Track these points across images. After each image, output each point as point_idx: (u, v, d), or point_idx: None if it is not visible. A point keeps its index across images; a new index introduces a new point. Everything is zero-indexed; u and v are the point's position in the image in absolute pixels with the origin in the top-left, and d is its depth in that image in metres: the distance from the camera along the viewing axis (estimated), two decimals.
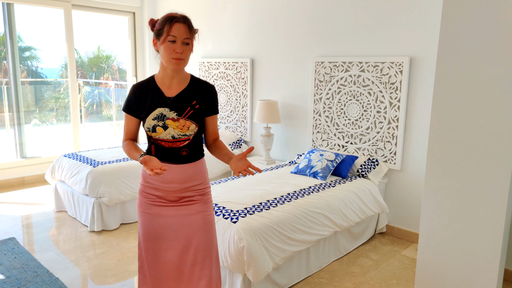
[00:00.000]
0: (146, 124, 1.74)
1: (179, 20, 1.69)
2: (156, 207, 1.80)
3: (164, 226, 1.80)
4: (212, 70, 4.97)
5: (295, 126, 4.28)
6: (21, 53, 11.11)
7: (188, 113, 1.73)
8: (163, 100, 1.74)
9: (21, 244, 3.27)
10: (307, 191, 3.05)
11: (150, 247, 1.82)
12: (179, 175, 1.77)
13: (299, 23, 4.09)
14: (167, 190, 1.78)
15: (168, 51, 1.67)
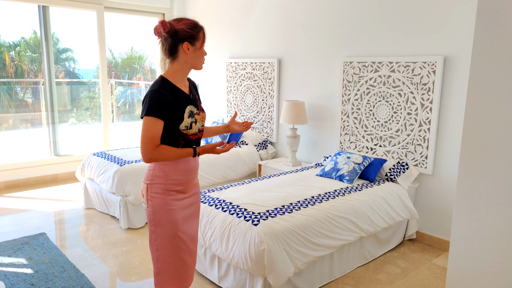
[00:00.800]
0: (183, 123, 1.79)
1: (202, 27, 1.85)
2: (177, 201, 1.88)
3: (185, 219, 1.92)
4: (239, 71, 4.96)
5: (322, 127, 4.19)
6: (59, 55, 11.57)
7: (200, 107, 1.93)
8: (188, 98, 1.86)
9: (51, 239, 3.37)
10: (332, 195, 2.97)
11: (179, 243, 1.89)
12: (195, 165, 1.93)
13: (327, 23, 4.01)
14: (188, 182, 1.91)
15: (200, 57, 1.85)
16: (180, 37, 1.77)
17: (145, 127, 1.72)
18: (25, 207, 4.10)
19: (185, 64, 1.81)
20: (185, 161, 1.85)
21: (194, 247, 1.99)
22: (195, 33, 1.79)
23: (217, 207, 2.69)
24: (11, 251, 3.13)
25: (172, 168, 1.82)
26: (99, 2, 5.02)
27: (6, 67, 12.23)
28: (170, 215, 1.85)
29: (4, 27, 12.15)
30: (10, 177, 4.69)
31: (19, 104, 10.97)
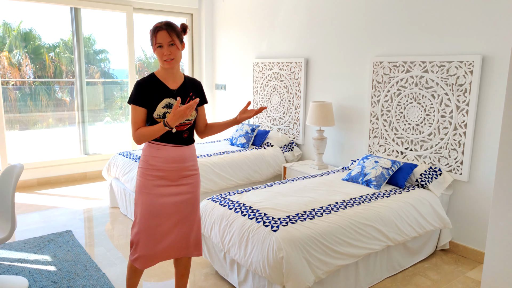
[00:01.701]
0: (156, 112, 2.04)
1: (161, 28, 2.01)
2: (158, 187, 2.09)
3: (163, 204, 2.10)
4: (265, 71, 4.88)
5: (350, 129, 4.04)
6: (95, 56, 11.93)
7: (189, 102, 2.10)
8: (169, 91, 2.08)
9: (76, 237, 3.42)
10: (358, 201, 2.84)
11: (152, 224, 2.10)
12: (180, 155, 2.09)
13: (356, 21, 3.86)
14: (170, 170, 2.08)
15: (159, 56, 2.04)
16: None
17: (130, 113, 2.07)
18: (54, 204, 4.20)
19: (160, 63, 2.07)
20: (164, 149, 2.07)
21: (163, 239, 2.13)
22: (151, 36, 2.05)
23: (237, 211, 2.62)
24: (37, 248, 3.20)
25: (150, 155, 2.08)
26: (128, 4, 5.08)
27: (45, 67, 12.74)
28: (146, 197, 2.09)
29: (45, 29, 12.67)
30: (43, 174, 4.83)
31: (57, 103, 11.41)
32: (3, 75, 12.12)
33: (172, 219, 2.12)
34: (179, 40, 2.05)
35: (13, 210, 2.42)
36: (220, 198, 2.86)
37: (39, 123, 10.50)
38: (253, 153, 4.26)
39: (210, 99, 5.94)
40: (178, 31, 2.05)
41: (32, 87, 11.63)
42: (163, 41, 2.00)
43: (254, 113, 2.17)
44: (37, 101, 11.48)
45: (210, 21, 5.71)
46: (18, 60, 12.49)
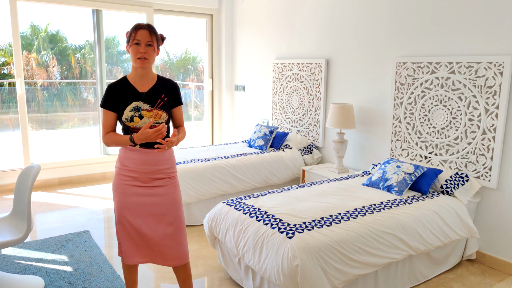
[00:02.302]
0: (124, 116, 2.07)
1: (143, 27, 2.05)
2: (130, 187, 2.13)
3: (135, 204, 2.13)
4: (285, 72, 4.80)
5: (371, 132, 3.92)
6: (119, 56, 12.13)
7: (159, 104, 2.11)
8: (138, 94, 2.10)
9: (93, 237, 3.44)
10: (378, 207, 2.72)
11: (125, 221, 2.15)
12: (152, 158, 2.11)
13: (379, 20, 3.73)
14: (141, 172, 2.11)
15: (134, 52, 2.05)
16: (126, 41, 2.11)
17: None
18: (74, 204, 4.25)
19: (133, 63, 2.09)
20: (137, 151, 2.09)
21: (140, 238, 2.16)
22: (129, 35, 2.07)
23: (252, 216, 2.56)
24: (55, 248, 3.23)
25: (124, 156, 2.13)
26: (148, 5, 5.10)
27: (72, 68, 13.06)
28: (120, 197, 2.14)
29: (71, 31, 12.97)
30: (64, 174, 4.90)
31: (82, 104, 11.66)
32: (31, 76, 12.48)
33: (147, 220, 2.15)
34: (156, 44, 2.09)
35: (29, 211, 2.44)
36: (235, 202, 2.80)
37: (65, 122, 10.76)
38: (271, 155, 4.18)
39: (229, 100, 5.90)
40: (157, 35, 2.11)
41: (58, 87, 11.94)
42: (142, 39, 2.04)
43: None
44: (63, 101, 11.77)
45: (230, 22, 5.68)
46: (46, 61, 12.85)
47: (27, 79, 12.01)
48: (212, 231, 2.82)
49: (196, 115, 8.88)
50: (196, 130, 8.23)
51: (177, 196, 2.21)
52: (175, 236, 2.18)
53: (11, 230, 2.54)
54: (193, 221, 3.74)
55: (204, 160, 3.88)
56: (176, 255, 2.19)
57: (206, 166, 3.74)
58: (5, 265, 2.93)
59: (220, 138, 6.08)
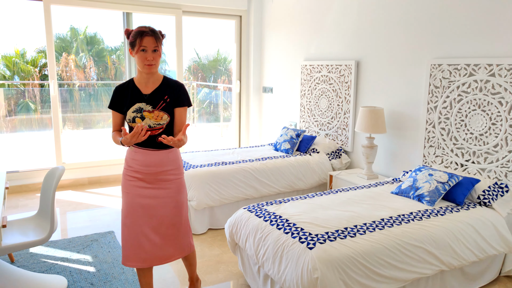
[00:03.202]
0: (127, 116, 2.14)
1: (148, 33, 2.07)
2: (136, 187, 2.17)
3: (141, 205, 2.17)
4: (314, 74, 4.68)
5: (403, 137, 3.73)
6: None
7: (161, 106, 2.14)
8: (141, 96, 2.15)
9: (117, 238, 3.47)
10: (407, 218, 2.57)
11: (129, 222, 2.19)
12: (156, 159, 2.15)
13: (412, 20, 3.55)
14: (146, 173, 2.15)
15: (141, 59, 2.09)
16: (128, 43, 2.14)
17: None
18: (101, 204, 4.32)
19: (139, 68, 2.14)
20: (141, 152, 2.15)
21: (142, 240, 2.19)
22: (133, 40, 2.08)
23: (272, 223, 2.47)
24: (80, 248, 3.27)
25: (129, 157, 2.20)
26: (177, 7, 5.12)
27: (107, 69, 13.45)
28: (126, 197, 2.20)
29: (107, 33, 13.36)
30: (94, 173, 5.01)
31: None
32: (69, 77, 12.95)
33: (151, 221, 2.20)
34: (161, 47, 2.15)
35: (53, 212, 2.47)
36: (257, 208, 2.73)
37: (101, 122, 11.08)
38: (297, 159, 4.08)
39: (257, 102, 5.84)
40: (161, 39, 2.15)
41: (95, 88, 12.32)
42: (148, 45, 2.07)
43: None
44: (99, 101, 12.13)
45: (259, 23, 5.61)
46: (83, 63, 13.30)
47: (66, 80, 12.47)
48: (232, 237, 2.76)
49: (225, 116, 8.88)
50: (224, 132, 8.23)
51: (181, 198, 2.26)
52: (176, 235, 2.27)
53: (36, 229, 2.58)
54: (216, 225, 3.70)
55: (229, 163, 3.83)
56: (177, 250, 2.29)
57: (230, 169, 3.69)
58: (31, 263, 2.99)
59: (247, 140, 6.03)
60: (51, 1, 4.44)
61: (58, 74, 12.87)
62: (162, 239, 2.22)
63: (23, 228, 2.62)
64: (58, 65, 12.78)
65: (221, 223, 3.70)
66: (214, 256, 3.20)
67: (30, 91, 11.98)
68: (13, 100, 11.23)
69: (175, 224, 2.24)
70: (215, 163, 3.83)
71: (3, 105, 9.68)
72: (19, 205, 4.20)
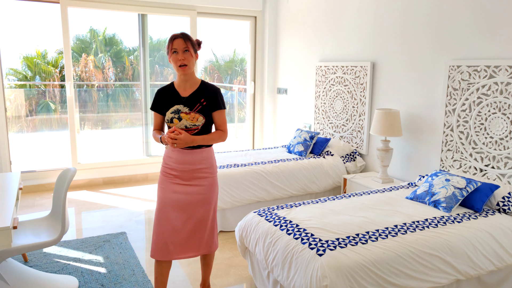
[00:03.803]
0: (166, 117, 2.31)
1: (178, 36, 2.23)
2: (171, 184, 2.33)
3: (174, 200, 2.32)
4: (329, 75, 4.61)
5: (420, 141, 3.64)
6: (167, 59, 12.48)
7: (197, 108, 2.28)
8: (179, 99, 2.31)
9: (129, 239, 3.48)
10: (422, 225, 2.49)
11: (161, 215, 2.33)
12: (190, 158, 2.30)
13: (430, 20, 3.45)
14: (181, 170, 2.31)
15: (174, 61, 2.25)
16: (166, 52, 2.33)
17: None
18: (115, 204, 4.35)
19: (176, 71, 2.29)
20: (177, 151, 2.30)
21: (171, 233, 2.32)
22: (167, 47, 2.29)
23: (282, 228, 2.43)
24: (92, 248, 3.30)
25: (167, 155, 2.36)
26: (192, 8, 5.13)
27: (125, 70, 13.62)
28: (161, 191, 2.35)
29: (126, 34, 13.53)
30: (108, 174, 5.06)
31: (134, 104, 12.10)
32: (88, 77, 13.17)
33: (182, 216, 2.33)
34: (193, 49, 2.26)
35: (64, 213, 2.48)
36: (267, 212, 2.69)
37: (119, 122, 11.22)
38: (311, 162, 4.02)
39: (271, 103, 5.80)
40: (193, 41, 2.27)
41: (112, 88, 12.49)
42: (178, 47, 2.21)
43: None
44: (117, 101, 12.29)
45: (274, 24, 5.57)
46: (102, 63, 13.50)
47: (85, 81, 12.68)
48: (242, 241, 2.73)
49: (240, 116, 8.86)
50: (239, 132, 8.22)
51: (211, 197, 2.38)
52: (203, 232, 2.38)
53: (49, 230, 2.61)
54: (227, 227, 3.68)
55: (241, 165, 3.80)
56: (201, 246, 2.40)
57: (242, 171, 3.66)
58: (44, 263, 3.03)
59: (261, 141, 5.99)
60: (68, 3, 4.50)
61: (78, 75, 13.12)
62: (190, 233, 2.35)
63: (35, 228, 2.65)
64: (78, 65, 13.01)
65: (233, 226, 3.67)
66: (225, 259, 3.18)
67: (51, 91, 12.22)
68: (34, 100, 11.49)
69: (203, 220, 2.36)
70: (227, 165, 3.81)
71: (24, 105, 9.90)
72: (35, 205, 4.27)
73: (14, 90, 11.49)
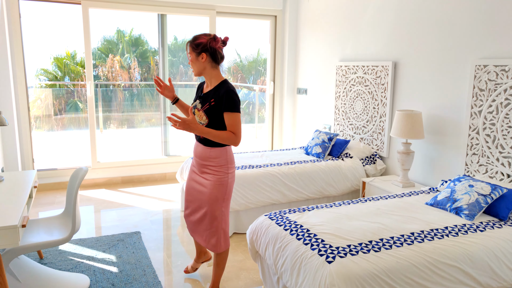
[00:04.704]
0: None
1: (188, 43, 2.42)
2: (192, 172, 2.61)
3: (190, 186, 2.60)
4: (349, 75, 4.49)
5: (443, 144, 3.47)
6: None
7: (205, 107, 2.39)
8: (199, 95, 2.51)
9: (143, 239, 3.48)
10: (441, 233, 2.35)
11: (185, 198, 2.65)
12: (200, 152, 2.47)
13: (455, 18, 3.28)
14: (196, 161, 2.54)
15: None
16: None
17: None
18: (131, 203, 4.38)
19: None
20: (196, 144, 2.53)
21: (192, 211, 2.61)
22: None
23: (292, 233, 2.36)
24: (106, 247, 3.32)
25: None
26: (211, 8, 5.11)
27: (150, 70, 13.83)
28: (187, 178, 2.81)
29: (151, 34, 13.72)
30: (127, 172, 5.10)
31: (158, 104, 12.29)
32: (115, 77, 13.44)
33: (194, 202, 2.56)
34: (194, 54, 2.37)
35: (74, 212, 2.49)
36: (278, 215, 2.62)
37: (145, 121, 11.39)
38: (329, 164, 3.91)
39: (291, 104, 5.71)
40: (193, 44, 2.37)
41: (138, 88, 12.70)
42: (188, 53, 2.43)
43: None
44: (143, 101, 12.49)
45: (294, 23, 5.48)
46: (128, 64, 13.76)
47: (111, 81, 12.95)
48: (253, 244, 2.67)
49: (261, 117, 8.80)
50: (258, 133, 8.16)
51: (214, 195, 2.45)
52: (207, 226, 2.51)
53: (61, 228, 2.63)
54: (241, 229, 3.63)
55: (256, 166, 3.74)
56: (208, 241, 2.53)
57: (256, 173, 3.60)
58: (59, 260, 3.07)
59: (280, 142, 5.91)
60: (89, 4, 4.57)
61: (104, 75, 13.38)
62: (197, 221, 2.56)
63: (49, 226, 2.68)
64: (105, 65, 13.29)
65: (246, 228, 3.61)
66: (237, 262, 3.13)
67: (79, 91, 12.54)
68: (63, 100, 11.83)
69: (207, 214, 2.49)
70: (242, 166, 3.76)
71: (53, 104, 10.18)
72: (55, 202, 4.35)
73: (44, 89, 11.84)
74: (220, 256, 2.57)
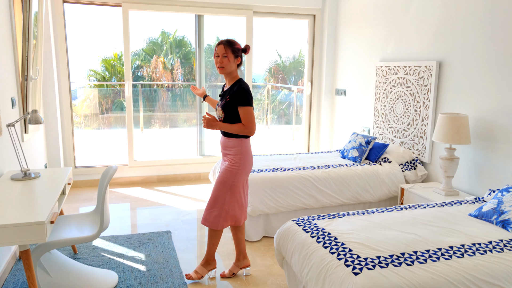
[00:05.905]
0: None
1: (221, 42, 2.64)
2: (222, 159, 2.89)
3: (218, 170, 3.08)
4: (390, 75, 4.27)
5: (492, 150, 3.20)
6: None
7: (222, 104, 2.68)
8: (219, 94, 2.82)
9: (172, 238, 3.49)
10: (483, 248, 2.15)
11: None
12: (222, 141, 2.78)
13: (508, 12, 3.01)
14: (221, 150, 2.82)
15: (215, 62, 2.68)
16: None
17: None
18: (165, 202, 4.43)
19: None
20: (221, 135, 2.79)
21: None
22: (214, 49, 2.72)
23: (319, 241, 2.24)
24: (137, 245, 3.36)
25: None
26: (248, 8, 5.06)
27: (193, 71, 14.08)
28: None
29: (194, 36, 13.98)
30: (163, 172, 5.18)
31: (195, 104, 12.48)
32: (158, 78, 13.81)
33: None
34: (233, 55, 2.63)
35: (103, 210, 2.52)
36: (306, 222, 2.51)
37: (188, 121, 11.61)
38: (365, 169, 3.74)
39: (329, 105, 5.54)
40: (234, 47, 2.64)
41: (180, 88, 12.97)
42: (220, 52, 2.63)
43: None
44: (185, 101, 12.75)
45: (333, 22, 5.32)
46: (171, 65, 14.09)
47: (155, 81, 13.32)
48: (279, 250, 2.58)
49: (299, 117, 8.67)
50: (296, 135, 8.03)
51: (225, 179, 2.70)
52: (209, 203, 2.76)
53: (92, 225, 2.68)
54: (271, 233, 3.55)
55: (288, 169, 3.65)
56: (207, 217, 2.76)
57: (287, 176, 3.50)
58: (91, 256, 3.14)
59: (317, 145, 5.76)
60: (129, 6, 4.68)
61: (149, 75, 13.79)
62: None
63: (81, 222, 2.74)
64: (149, 66, 13.69)
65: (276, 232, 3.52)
66: (265, 267, 3.05)
67: (124, 91, 13.04)
68: (109, 99, 12.31)
69: (212, 193, 2.75)
70: (273, 168, 3.67)
71: (100, 103, 10.61)
72: (93, 198, 4.49)
73: (92, 89, 12.37)
74: (214, 232, 2.79)
